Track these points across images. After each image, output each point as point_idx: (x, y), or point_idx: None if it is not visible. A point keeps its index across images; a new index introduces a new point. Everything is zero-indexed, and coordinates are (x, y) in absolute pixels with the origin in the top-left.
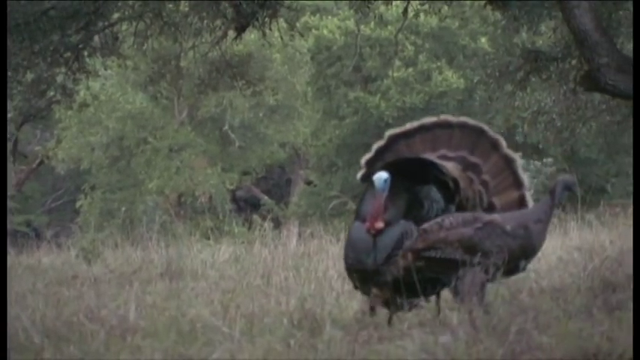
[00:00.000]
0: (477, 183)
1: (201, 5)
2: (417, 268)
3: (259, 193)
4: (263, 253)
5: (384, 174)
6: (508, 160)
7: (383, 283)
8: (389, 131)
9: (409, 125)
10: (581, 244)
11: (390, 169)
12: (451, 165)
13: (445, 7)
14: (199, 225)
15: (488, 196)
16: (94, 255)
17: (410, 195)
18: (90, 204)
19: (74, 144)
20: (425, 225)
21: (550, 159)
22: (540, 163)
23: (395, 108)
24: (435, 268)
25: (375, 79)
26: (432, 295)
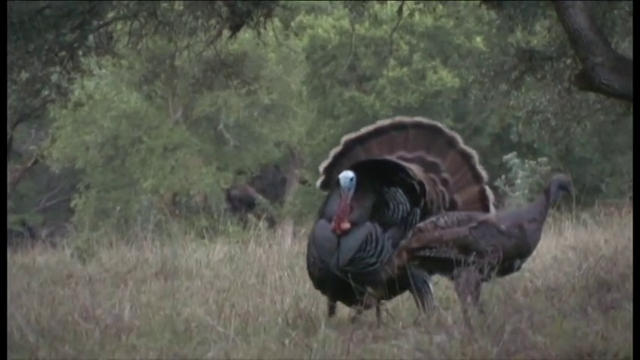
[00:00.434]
0: (439, 183)
1: (196, 4)
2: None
3: (254, 192)
4: (258, 252)
5: (349, 173)
6: (466, 156)
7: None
8: (345, 137)
9: (364, 129)
10: (576, 243)
11: (356, 169)
12: (415, 167)
13: (440, 7)
14: (194, 224)
15: (449, 194)
16: (88, 254)
17: (376, 196)
18: (85, 203)
19: (69, 143)
20: (420, 224)
21: (545, 158)
22: (535, 162)
23: (390, 107)
24: (430, 267)
25: (370, 78)
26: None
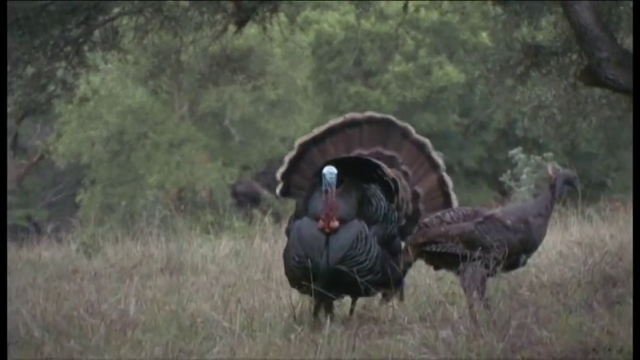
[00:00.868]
0: (402, 177)
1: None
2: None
3: (260, 187)
4: (263, 247)
5: (333, 168)
6: (420, 145)
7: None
8: (298, 140)
9: (317, 130)
10: (582, 238)
11: (335, 167)
12: (383, 164)
13: (445, 2)
14: (199, 219)
15: (410, 186)
16: (94, 249)
17: (359, 193)
18: (90, 198)
19: (74, 138)
20: (426, 219)
21: (550, 154)
22: (540, 157)
23: (395, 102)
24: (436, 262)
25: (376, 73)
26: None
